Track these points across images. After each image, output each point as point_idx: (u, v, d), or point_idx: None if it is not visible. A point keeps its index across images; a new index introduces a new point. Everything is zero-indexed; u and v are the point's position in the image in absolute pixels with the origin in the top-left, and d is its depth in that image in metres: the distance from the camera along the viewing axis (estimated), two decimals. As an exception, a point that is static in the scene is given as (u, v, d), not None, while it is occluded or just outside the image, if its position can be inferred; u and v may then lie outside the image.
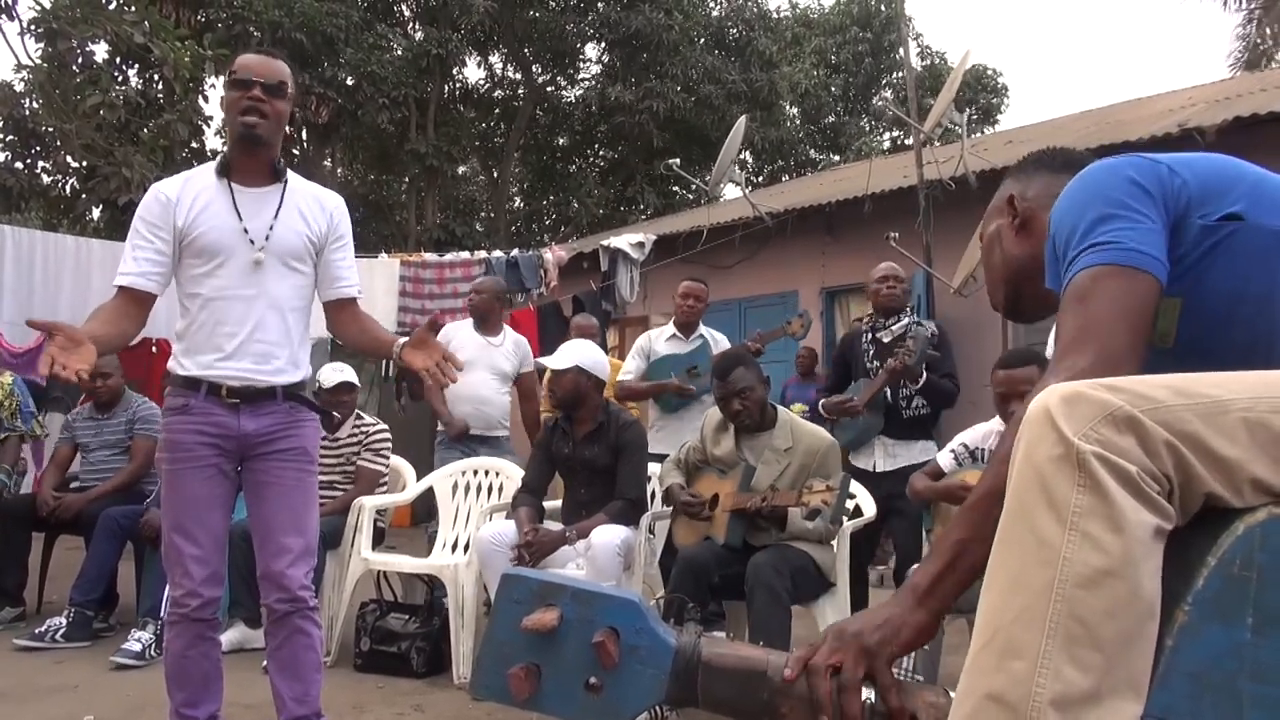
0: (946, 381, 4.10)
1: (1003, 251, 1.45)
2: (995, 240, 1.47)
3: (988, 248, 1.50)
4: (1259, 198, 1.19)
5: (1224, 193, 1.19)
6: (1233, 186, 1.20)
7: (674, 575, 3.29)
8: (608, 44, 17.04)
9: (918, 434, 4.14)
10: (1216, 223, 1.17)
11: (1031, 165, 1.51)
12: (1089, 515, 0.92)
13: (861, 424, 4.12)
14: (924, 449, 4.11)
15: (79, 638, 4.07)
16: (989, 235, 1.49)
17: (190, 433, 2.43)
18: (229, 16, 13.12)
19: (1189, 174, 1.20)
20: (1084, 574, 0.91)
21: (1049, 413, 0.96)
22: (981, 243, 1.53)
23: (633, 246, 8.13)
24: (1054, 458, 0.94)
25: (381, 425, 4.49)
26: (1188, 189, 1.19)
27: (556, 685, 1.12)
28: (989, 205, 1.53)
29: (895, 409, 4.11)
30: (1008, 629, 0.94)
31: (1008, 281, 1.45)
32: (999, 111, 21.00)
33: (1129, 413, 0.93)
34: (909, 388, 4.06)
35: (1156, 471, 0.93)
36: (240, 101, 2.41)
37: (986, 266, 1.51)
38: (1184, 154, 1.24)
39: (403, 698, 3.50)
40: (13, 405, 4.83)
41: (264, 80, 2.42)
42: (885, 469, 4.08)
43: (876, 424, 4.12)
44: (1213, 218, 1.17)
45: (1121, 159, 1.23)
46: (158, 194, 2.47)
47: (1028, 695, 0.90)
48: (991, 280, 1.50)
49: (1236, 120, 6.08)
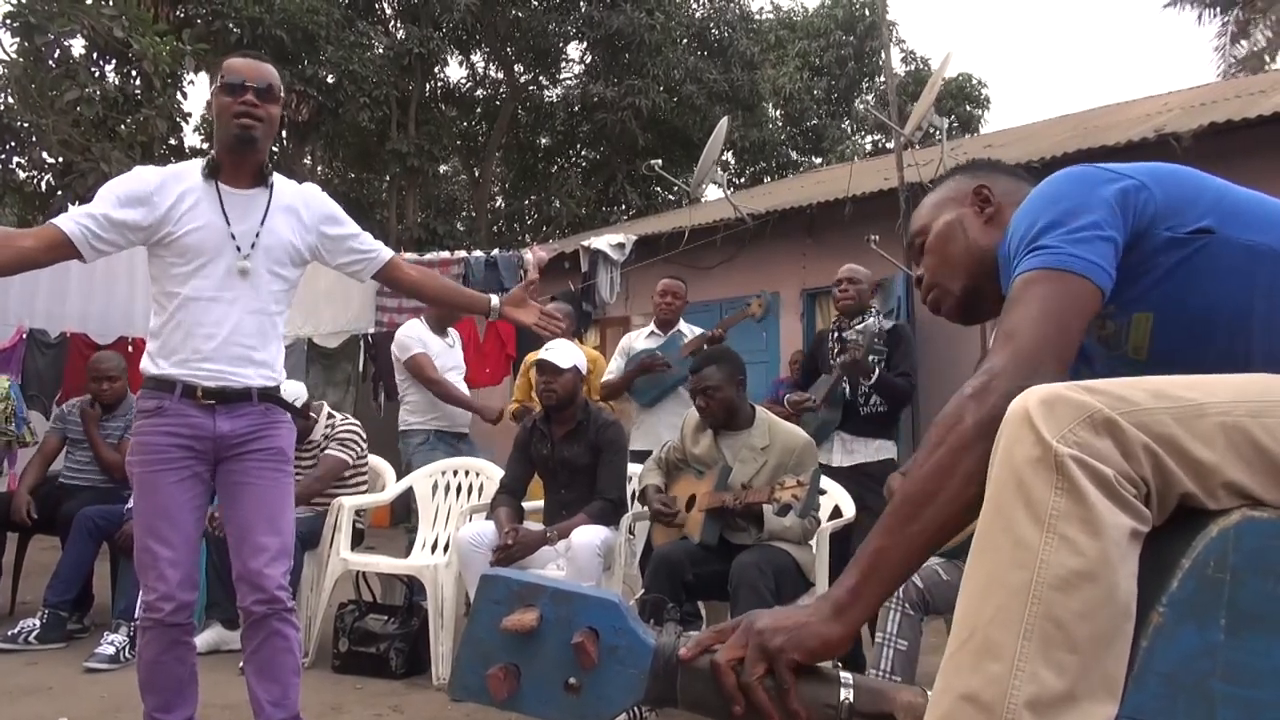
0: (901, 379, 4.14)
1: (968, 240, 1.38)
2: (957, 230, 1.39)
3: (944, 238, 1.40)
4: (1227, 210, 1.18)
5: (1190, 205, 1.18)
6: (1199, 198, 1.19)
7: (648, 573, 3.31)
8: (590, 43, 17.02)
9: (876, 432, 4.19)
10: (1186, 236, 1.16)
11: (985, 166, 1.47)
12: (1066, 518, 0.92)
13: (820, 419, 4.17)
14: (881, 447, 4.18)
15: (53, 639, 4.03)
16: (945, 225, 1.40)
17: (163, 435, 2.39)
18: (208, 12, 13.00)
19: (1155, 185, 1.19)
20: (1061, 576, 0.91)
21: (1028, 414, 0.96)
22: (924, 238, 1.43)
23: (613, 247, 8.13)
24: (1032, 460, 0.94)
25: (352, 421, 4.45)
26: (1154, 200, 1.17)
27: (535, 686, 1.12)
28: (934, 195, 1.45)
29: (853, 406, 4.16)
30: (984, 630, 0.94)
31: (970, 274, 1.37)
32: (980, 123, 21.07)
33: (1107, 415, 0.94)
34: (863, 384, 4.11)
35: (1134, 475, 0.93)
36: (233, 106, 2.38)
37: (941, 258, 1.40)
38: (1149, 164, 1.23)
39: (381, 699, 3.49)
40: (8, 409, 4.78)
41: (256, 84, 2.40)
42: (843, 464, 4.13)
43: (834, 419, 4.17)
44: (1181, 231, 1.16)
45: (1088, 168, 1.22)
46: (139, 175, 2.43)
47: (1003, 696, 0.91)
48: (944, 272, 1.40)
49: (1213, 126, 6.14)
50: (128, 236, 2.39)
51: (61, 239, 2.29)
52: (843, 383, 4.12)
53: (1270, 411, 0.97)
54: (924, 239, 1.44)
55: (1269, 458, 0.96)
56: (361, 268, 2.63)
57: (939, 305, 1.42)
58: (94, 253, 2.36)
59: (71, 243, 2.30)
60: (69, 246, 2.31)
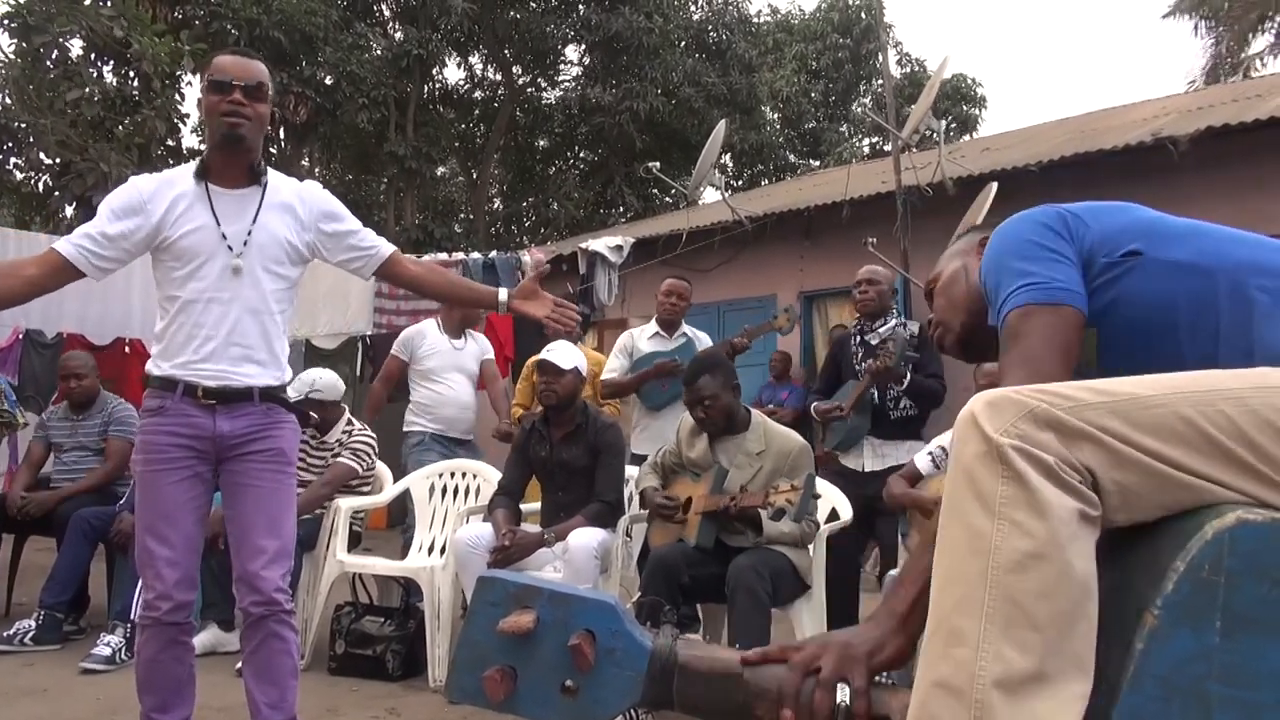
0: (932, 381, 4.14)
1: (969, 284, 1.52)
2: (960, 275, 1.55)
3: (949, 283, 1.57)
4: (1155, 235, 1.32)
5: (1122, 232, 1.33)
6: (1130, 226, 1.34)
7: (645, 575, 3.31)
8: (588, 46, 17.02)
9: (906, 434, 4.18)
10: (1119, 258, 1.30)
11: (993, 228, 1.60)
12: (1013, 503, 0.98)
13: (849, 426, 4.16)
14: (911, 449, 4.13)
15: (49, 640, 4.02)
16: (953, 271, 1.57)
17: (165, 435, 2.40)
18: (206, 13, 13.01)
19: (1092, 220, 1.35)
20: (1013, 559, 0.97)
21: (974, 416, 1.03)
22: (935, 284, 1.61)
23: (611, 250, 8.13)
24: (979, 454, 1.01)
25: (369, 433, 4.45)
26: (1091, 232, 1.33)
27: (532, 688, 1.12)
28: (949, 250, 1.65)
29: (883, 410, 4.15)
30: (949, 618, 0.99)
31: (969, 313, 1.51)
32: (978, 122, 21.12)
33: (1047, 410, 1.01)
34: (894, 389, 4.11)
35: (1075, 461, 0.99)
36: (221, 105, 2.38)
37: (946, 299, 1.57)
38: (1088, 203, 1.39)
39: (377, 701, 3.48)
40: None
41: (244, 83, 2.39)
42: (874, 469, 4.11)
43: (864, 425, 4.16)
44: (1115, 255, 1.31)
45: (1034, 210, 1.38)
46: (133, 186, 2.44)
47: (971, 678, 0.95)
48: (949, 311, 1.56)
49: (1210, 130, 6.15)
50: (128, 249, 2.41)
51: (62, 263, 2.34)
52: (871, 388, 4.11)
53: (1209, 401, 1.03)
54: (935, 285, 1.61)
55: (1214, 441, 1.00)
56: (363, 264, 2.61)
57: (943, 341, 1.58)
58: (99, 271, 2.39)
59: (73, 266, 2.34)
60: (71, 269, 2.35)
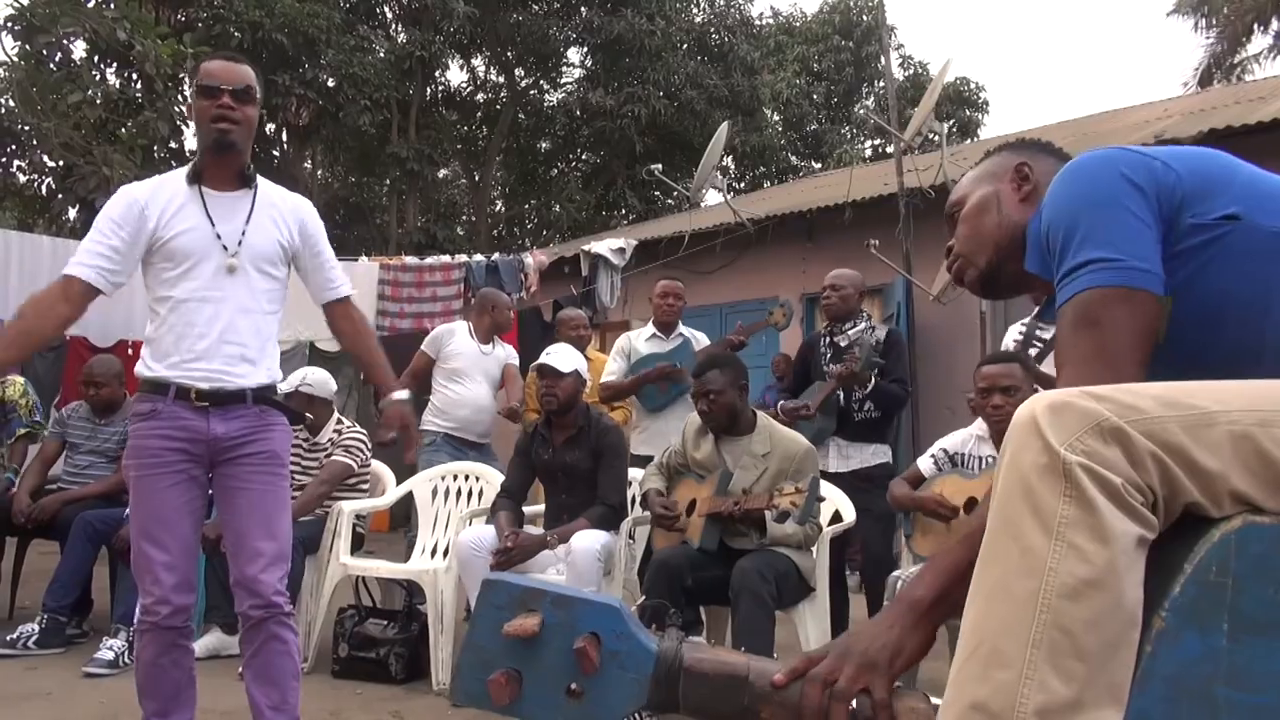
0: (895, 386, 4.21)
1: (1001, 215, 1.38)
2: (992, 203, 1.39)
3: (979, 210, 1.40)
4: (1255, 197, 1.16)
5: (1219, 191, 1.16)
6: (1228, 184, 1.17)
7: (648, 577, 3.31)
8: (590, 48, 17.04)
9: (870, 437, 4.22)
10: (1212, 222, 1.15)
11: (1031, 146, 1.46)
12: (1075, 526, 0.92)
13: (815, 426, 4.19)
14: (876, 451, 4.21)
15: (52, 644, 4.01)
16: (982, 198, 1.41)
17: (158, 438, 2.40)
18: (209, 16, 13.03)
19: (1183, 169, 1.17)
20: (1069, 585, 0.91)
21: (1035, 421, 0.96)
22: (960, 208, 1.44)
23: (613, 252, 8.15)
24: (1039, 467, 0.94)
25: (359, 430, 4.46)
26: (1181, 185, 1.16)
27: (537, 691, 1.11)
28: (976, 170, 1.47)
29: (848, 412, 4.20)
30: (992, 639, 0.94)
31: (998, 247, 1.37)
32: (979, 127, 21.12)
33: (1115, 424, 0.93)
34: (858, 392, 4.16)
35: (1141, 483, 0.93)
36: (210, 110, 2.40)
37: (973, 228, 1.41)
38: (1176, 147, 1.22)
39: (381, 704, 3.48)
40: (29, 404, 4.79)
41: (232, 87, 2.41)
42: (839, 470, 4.15)
43: (829, 426, 4.20)
44: (1207, 217, 1.15)
45: (1113, 152, 1.20)
46: (128, 195, 2.46)
47: (1012, 705, 0.91)
48: (974, 243, 1.40)
49: (1212, 132, 6.14)
50: (136, 258, 2.44)
51: (86, 290, 2.40)
52: (837, 390, 4.15)
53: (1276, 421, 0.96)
54: (959, 209, 1.44)
55: (1275, 468, 0.95)
56: (321, 294, 2.67)
57: (962, 275, 1.43)
58: (114, 288, 2.44)
59: (96, 289, 2.40)
60: (94, 292, 2.41)
